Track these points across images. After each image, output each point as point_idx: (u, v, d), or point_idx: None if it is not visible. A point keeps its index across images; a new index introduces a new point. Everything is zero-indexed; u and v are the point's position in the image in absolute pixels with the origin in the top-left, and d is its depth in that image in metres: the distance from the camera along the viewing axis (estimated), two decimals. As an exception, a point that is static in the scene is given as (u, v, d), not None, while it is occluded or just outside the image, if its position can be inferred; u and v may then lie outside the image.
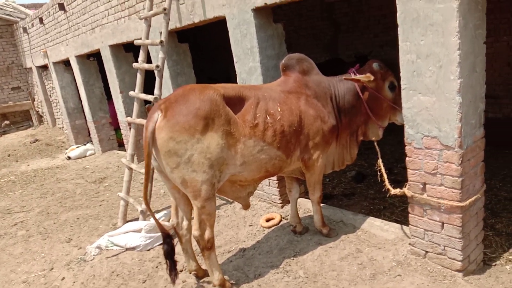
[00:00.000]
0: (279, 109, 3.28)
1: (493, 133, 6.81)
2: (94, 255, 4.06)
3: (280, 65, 3.69)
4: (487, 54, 2.88)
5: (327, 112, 3.54)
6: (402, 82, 2.95)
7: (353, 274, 3.21)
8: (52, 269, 3.97)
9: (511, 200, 4.43)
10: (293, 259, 3.52)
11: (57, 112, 11.30)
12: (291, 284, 3.20)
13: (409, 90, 2.92)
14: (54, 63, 9.57)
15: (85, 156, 8.93)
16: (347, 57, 9.24)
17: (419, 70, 2.81)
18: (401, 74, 2.94)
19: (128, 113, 7.17)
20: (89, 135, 9.52)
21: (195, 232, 3.10)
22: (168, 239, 3.21)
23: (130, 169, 4.79)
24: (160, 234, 4.10)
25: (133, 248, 4.07)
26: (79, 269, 3.87)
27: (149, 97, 4.53)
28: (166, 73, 5.57)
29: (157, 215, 4.52)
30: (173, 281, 3.18)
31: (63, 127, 11.04)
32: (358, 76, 3.49)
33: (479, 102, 2.85)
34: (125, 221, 4.75)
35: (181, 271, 3.61)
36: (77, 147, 9.12)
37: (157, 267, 3.73)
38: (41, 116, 12.96)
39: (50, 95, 11.38)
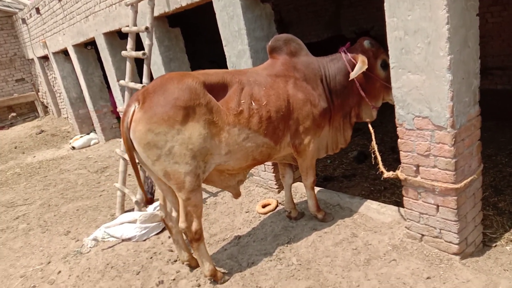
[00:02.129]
0: (265, 94, 3.15)
1: (501, 106, 6.62)
2: (90, 247, 4.06)
3: (266, 47, 3.55)
4: (494, 24, 2.70)
5: (317, 95, 3.40)
6: (390, 61, 2.80)
7: (347, 260, 3.13)
8: (49, 262, 3.99)
9: (516, 176, 4.27)
10: (287, 246, 3.46)
11: (61, 102, 11.33)
12: (284, 272, 3.14)
13: (398, 68, 2.77)
14: (54, 53, 9.53)
15: (89, 146, 8.96)
16: (349, 33, 8.98)
17: (407, 47, 2.66)
18: (389, 52, 2.79)
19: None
20: (93, 124, 9.54)
21: (181, 224, 3.05)
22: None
23: (125, 159, 4.75)
24: (155, 224, 4.10)
25: (129, 239, 4.06)
26: (75, 262, 3.88)
27: (138, 86, 4.44)
28: (159, 59, 5.47)
29: (154, 205, 4.49)
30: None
31: (67, 117, 11.08)
32: (352, 73, 3.29)
33: (473, 78, 2.69)
34: (123, 211, 4.75)
35: (175, 261, 3.59)
36: (81, 136, 9.14)
37: (151, 257, 3.71)
38: (46, 107, 13.03)
39: (53, 86, 11.40)
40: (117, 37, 6.94)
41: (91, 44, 8.17)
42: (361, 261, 3.09)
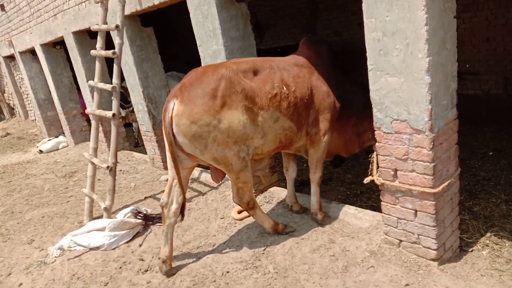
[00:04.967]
0: (293, 81, 3.29)
1: (473, 110, 6.74)
2: (55, 256, 3.82)
3: (305, 38, 3.73)
4: (465, 29, 2.69)
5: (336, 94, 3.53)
6: (368, 63, 2.73)
7: (325, 267, 3.04)
8: (10, 274, 3.73)
9: (490, 180, 4.30)
10: (263, 253, 3.34)
11: (28, 104, 10.88)
12: (260, 281, 3.02)
13: (376, 70, 2.71)
14: (21, 53, 9.12)
15: (58, 149, 8.61)
16: (326, 37, 8.99)
17: (385, 49, 2.60)
18: (367, 54, 2.73)
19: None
20: (62, 126, 9.17)
21: (234, 199, 3.40)
22: None
23: (93, 163, 4.53)
24: (125, 232, 3.92)
25: (97, 248, 3.84)
26: (39, 273, 3.64)
27: (107, 86, 4.24)
28: (130, 59, 5.28)
29: (124, 211, 4.29)
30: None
31: (35, 119, 10.64)
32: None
33: (451, 81, 2.66)
34: (92, 218, 4.52)
35: (146, 271, 3.41)
36: (49, 140, 8.77)
37: (121, 267, 3.52)
38: (13, 109, 12.49)
39: (20, 87, 10.94)
40: (87, 36, 6.69)
41: (60, 43, 7.85)
42: (339, 268, 3.01)
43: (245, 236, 3.65)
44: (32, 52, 8.96)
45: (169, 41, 10.29)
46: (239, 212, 4.07)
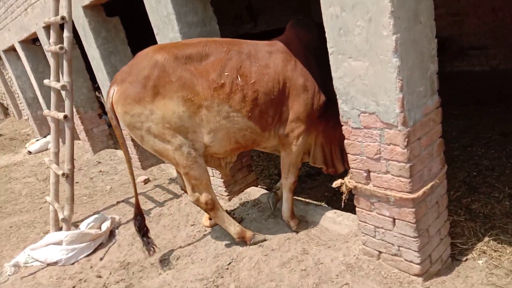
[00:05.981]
0: (256, 71, 2.79)
1: (479, 89, 6.14)
2: (9, 275, 3.50)
3: (290, 20, 3.24)
4: (468, 0, 2.17)
5: (318, 86, 2.94)
6: (328, 45, 2.27)
7: (294, 285, 2.63)
8: (-42, 297, 3.44)
9: (493, 169, 3.79)
10: (227, 269, 2.94)
11: (20, 103, 10.63)
12: (219, 303, 2.64)
13: (337, 54, 2.24)
14: (4, 52, 8.80)
15: (47, 149, 8.32)
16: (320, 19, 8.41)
17: (345, 27, 2.13)
18: (326, 34, 2.26)
19: (76, 101, 6.50)
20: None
21: (190, 198, 3.03)
22: (139, 216, 3.12)
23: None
24: (85, 244, 3.58)
25: (54, 263, 3.51)
26: (-13, 295, 3.34)
27: (57, 85, 3.86)
28: (97, 53, 4.88)
29: (88, 220, 3.93)
30: (149, 252, 3.14)
31: (28, 119, 10.39)
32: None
33: (429, 62, 2.17)
34: (58, 228, 4.18)
35: (99, 291, 3.06)
36: (37, 140, 8.49)
37: (74, 286, 3.17)
38: (7, 109, 12.29)
39: (11, 86, 10.68)
40: (60, 31, 6.28)
41: (39, 39, 7.49)
42: (309, 286, 2.59)
43: (212, 247, 3.26)
44: (16, 50, 8.64)
45: (139, 30, 9.85)
46: (211, 218, 3.67)
